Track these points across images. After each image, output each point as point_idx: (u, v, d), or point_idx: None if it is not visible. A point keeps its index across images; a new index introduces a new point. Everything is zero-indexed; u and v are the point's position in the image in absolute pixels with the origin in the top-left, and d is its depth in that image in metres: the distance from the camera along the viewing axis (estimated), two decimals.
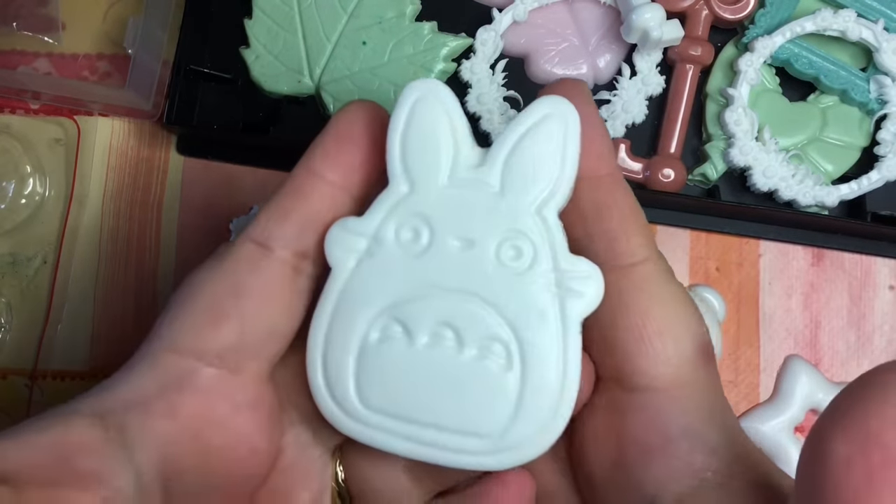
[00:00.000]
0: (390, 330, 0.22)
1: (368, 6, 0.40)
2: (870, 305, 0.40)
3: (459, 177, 0.23)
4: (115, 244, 0.41)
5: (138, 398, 0.21)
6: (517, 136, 0.22)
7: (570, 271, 0.22)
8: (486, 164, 0.22)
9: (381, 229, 0.23)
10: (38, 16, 0.43)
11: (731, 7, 0.38)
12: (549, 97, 0.22)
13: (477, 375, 0.22)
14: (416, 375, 0.22)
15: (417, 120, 0.23)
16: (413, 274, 0.22)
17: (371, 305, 0.23)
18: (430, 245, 0.22)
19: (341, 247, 0.23)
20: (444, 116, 0.23)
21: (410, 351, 0.22)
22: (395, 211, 0.23)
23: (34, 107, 0.42)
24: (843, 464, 0.16)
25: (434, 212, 0.22)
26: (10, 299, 0.41)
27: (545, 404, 0.22)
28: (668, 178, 0.38)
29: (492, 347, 0.22)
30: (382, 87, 0.39)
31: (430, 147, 0.23)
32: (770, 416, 0.38)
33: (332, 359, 0.23)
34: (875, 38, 0.37)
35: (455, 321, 0.22)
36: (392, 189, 0.23)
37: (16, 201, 0.41)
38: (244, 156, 0.41)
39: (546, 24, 0.40)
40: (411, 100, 0.23)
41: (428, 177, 0.23)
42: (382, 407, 0.23)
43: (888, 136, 0.37)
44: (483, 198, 0.22)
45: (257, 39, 0.40)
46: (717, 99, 0.39)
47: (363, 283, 0.23)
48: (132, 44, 0.39)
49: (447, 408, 0.22)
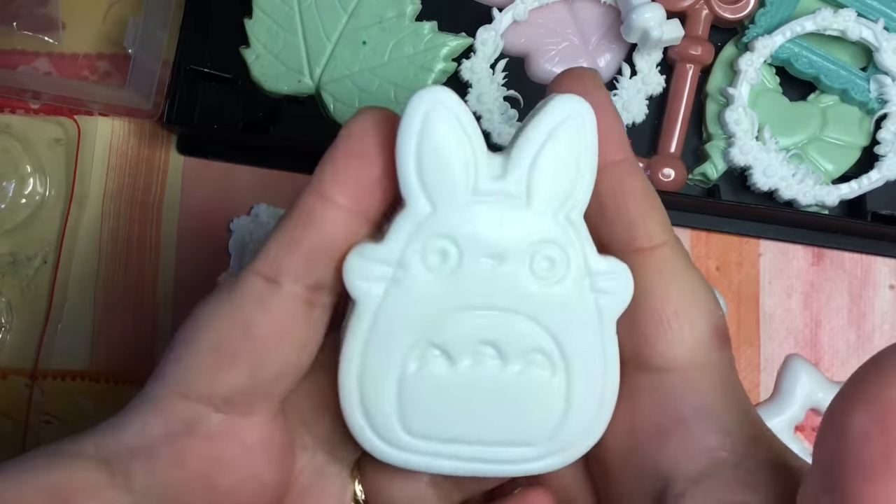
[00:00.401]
0: (429, 357, 0.22)
1: (368, 6, 0.40)
2: (870, 305, 0.40)
3: (482, 190, 0.21)
4: (115, 244, 0.41)
5: (144, 444, 0.20)
6: (539, 143, 0.21)
7: (602, 273, 0.22)
8: (508, 174, 0.21)
9: (405, 255, 0.21)
10: (38, 16, 0.43)
11: (731, 7, 0.38)
12: (565, 97, 0.21)
13: (523, 387, 0.22)
14: (460, 397, 0.22)
15: (430, 134, 0.21)
16: (446, 297, 0.22)
17: (405, 336, 0.22)
18: (460, 266, 0.21)
19: (363, 277, 0.21)
20: (459, 128, 0.21)
21: (453, 374, 0.22)
22: (417, 234, 0.21)
23: (34, 107, 0.42)
24: (861, 437, 0.15)
25: (460, 230, 0.21)
26: (10, 299, 0.41)
27: (591, 404, 0.22)
28: (669, 177, 0.38)
29: (535, 358, 0.22)
30: (382, 87, 0.39)
31: (448, 163, 0.21)
32: (770, 415, 0.38)
33: (369, 397, 0.22)
34: (875, 38, 0.37)
35: (495, 338, 0.22)
36: (411, 210, 0.21)
37: (16, 201, 0.41)
38: (244, 156, 0.41)
39: (546, 23, 0.40)
40: (420, 112, 0.21)
41: (449, 194, 0.21)
42: (427, 433, 0.22)
43: (888, 135, 0.37)
44: (509, 210, 0.21)
45: (257, 39, 0.40)
46: (718, 98, 0.39)
47: (393, 314, 0.21)
48: (132, 44, 0.39)
49: (494, 423, 0.22)
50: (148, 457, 0.20)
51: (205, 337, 0.21)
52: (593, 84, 0.23)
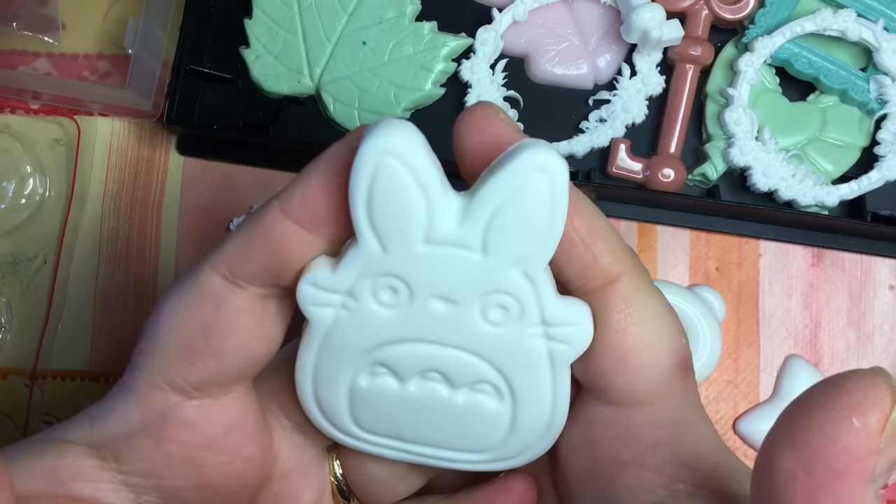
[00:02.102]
0: (379, 374, 0.22)
1: (368, 6, 0.40)
2: (870, 305, 0.40)
3: (436, 237, 0.20)
4: (115, 244, 0.41)
5: (127, 433, 0.21)
6: (501, 197, 0.20)
7: (558, 323, 0.22)
8: (466, 222, 0.20)
9: (356, 288, 0.21)
10: (38, 16, 0.43)
11: (731, 7, 0.38)
12: (539, 148, 0.19)
13: (469, 411, 0.23)
14: (409, 411, 0.23)
15: (379, 188, 0.20)
16: (395, 326, 0.22)
17: (353, 356, 0.22)
18: (410, 304, 0.21)
19: (315, 303, 0.21)
20: (411, 180, 0.20)
21: (402, 392, 0.23)
22: (368, 270, 0.21)
23: (34, 107, 0.42)
24: (788, 479, 0.16)
25: (411, 273, 0.21)
26: (10, 299, 0.41)
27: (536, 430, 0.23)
28: (668, 178, 0.38)
29: (482, 387, 0.22)
30: (382, 87, 0.39)
31: (397, 215, 0.20)
32: (770, 415, 0.38)
33: (323, 400, 0.23)
34: (875, 38, 0.37)
35: (443, 368, 0.22)
36: (362, 247, 0.20)
37: (16, 201, 0.41)
38: (244, 156, 0.41)
39: (546, 23, 0.40)
40: (371, 164, 0.19)
41: (400, 241, 0.20)
42: (379, 430, 0.24)
43: (888, 135, 0.37)
44: (463, 259, 0.21)
45: (257, 39, 0.40)
46: (717, 99, 0.39)
47: (343, 335, 0.22)
48: (132, 44, 0.39)
49: (439, 434, 0.23)
50: (133, 444, 0.21)
51: (170, 335, 0.21)
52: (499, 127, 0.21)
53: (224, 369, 0.21)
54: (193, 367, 0.21)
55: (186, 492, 0.22)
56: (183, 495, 0.22)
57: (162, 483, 0.22)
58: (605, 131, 0.39)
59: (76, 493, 0.21)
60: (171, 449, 0.22)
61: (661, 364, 0.21)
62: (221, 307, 0.21)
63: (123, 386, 0.22)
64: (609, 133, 0.39)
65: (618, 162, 0.38)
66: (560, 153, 0.40)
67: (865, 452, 0.15)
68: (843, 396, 0.15)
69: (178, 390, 0.21)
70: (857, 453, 0.15)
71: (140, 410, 0.21)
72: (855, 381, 0.16)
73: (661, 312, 0.22)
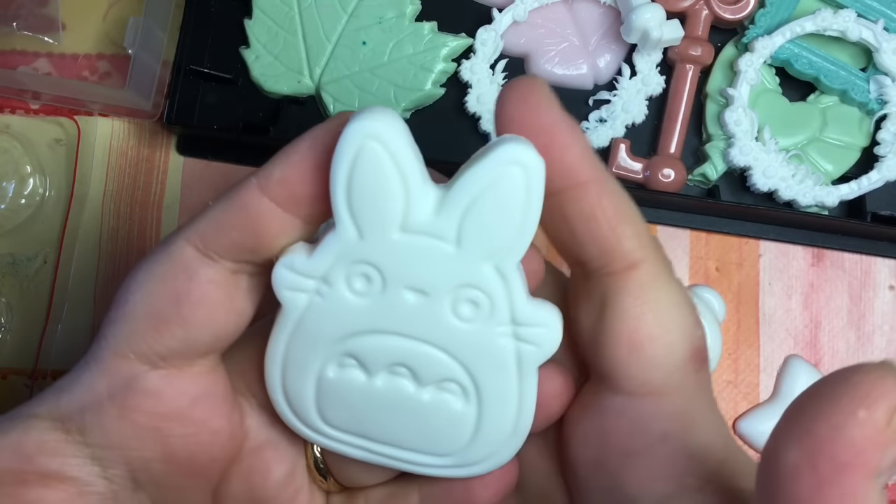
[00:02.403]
0: (347, 366, 0.23)
1: (368, 6, 0.40)
2: (870, 305, 0.40)
3: (412, 226, 0.20)
4: (115, 244, 0.41)
5: (93, 402, 0.21)
6: (477, 189, 0.20)
7: (527, 324, 0.22)
8: (442, 213, 0.20)
9: (331, 273, 0.21)
10: (38, 16, 0.43)
11: (731, 7, 0.38)
12: (515, 143, 0.20)
13: (434, 410, 0.23)
14: (375, 406, 0.23)
15: (359, 172, 0.20)
16: (365, 317, 0.22)
17: (323, 344, 0.22)
18: (383, 293, 0.21)
19: (289, 287, 0.21)
20: (391, 165, 0.20)
21: (369, 386, 0.23)
22: (343, 256, 0.21)
23: (34, 107, 0.42)
24: (792, 473, 0.15)
25: (385, 261, 0.21)
26: (10, 299, 0.41)
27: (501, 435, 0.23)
28: (668, 178, 0.38)
29: (448, 386, 0.23)
30: (382, 88, 0.39)
31: (375, 200, 0.20)
32: (770, 416, 0.38)
33: (290, 389, 0.23)
34: (875, 38, 0.37)
35: (410, 363, 0.22)
36: (340, 233, 0.21)
37: (16, 201, 0.41)
38: (244, 156, 0.41)
39: (546, 24, 0.40)
40: (353, 147, 0.20)
41: (377, 227, 0.21)
42: (342, 426, 0.23)
43: (888, 136, 0.37)
44: (437, 250, 0.21)
45: (257, 39, 0.40)
46: (717, 99, 0.39)
47: (314, 323, 0.22)
48: (132, 44, 0.39)
49: (405, 433, 0.23)
50: (98, 413, 0.21)
51: (140, 303, 0.21)
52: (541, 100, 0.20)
53: (192, 341, 0.21)
54: (162, 336, 0.21)
55: (154, 464, 0.22)
56: (150, 468, 0.22)
57: (128, 455, 0.22)
58: (605, 131, 0.39)
59: (42, 469, 0.21)
60: (137, 419, 0.21)
61: (676, 354, 0.21)
62: (193, 278, 0.21)
63: (90, 356, 0.22)
64: (609, 133, 0.39)
65: (618, 162, 0.38)
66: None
67: (871, 446, 0.15)
68: (850, 389, 0.15)
69: (144, 359, 0.21)
70: (862, 446, 0.15)
71: (105, 379, 0.21)
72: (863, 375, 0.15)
73: (678, 303, 0.21)
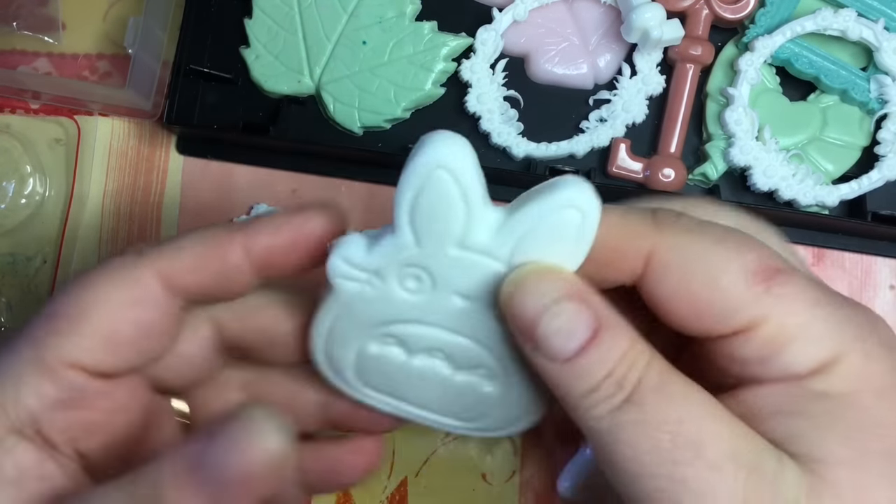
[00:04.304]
0: (388, 345, 0.25)
1: (368, 6, 0.40)
2: (870, 305, 0.39)
3: (470, 245, 0.22)
4: (115, 244, 0.41)
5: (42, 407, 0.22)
6: (536, 223, 0.22)
7: None
8: (499, 236, 0.22)
9: (384, 269, 0.23)
10: (38, 16, 0.43)
11: (731, 7, 0.38)
12: (580, 185, 0.21)
13: (466, 388, 0.26)
14: (410, 377, 0.25)
15: (427, 196, 0.21)
16: (413, 309, 0.24)
17: (370, 324, 0.24)
18: (432, 293, 0.23)
19: (344, 276, 0.23)
20: (458, 194, 0.21)
21: (408, 364, 0.25)
22: (399, 258, 0.23)
23: (34, 107, 0.42)
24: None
25: (438, 269, 0.23)
26: (10, 299, 0.41)
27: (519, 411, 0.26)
28: (669, 177, 0.38)
29: (479, 371, 0.25)
30: (382, 87, 0.39)
31: (439, 222, 0.22)
32: None
33: (334, 354, 0.25)
34: (875, 38, 0.37)
35: (448, 350, 0.25)
36: (397, 236, 0.22)
37: (16, 201, 0.41)
38: (244, 156, 0.41)
39: (546, 23, 0.40)
40: (421, 176, 0.21)
41: (435, 241, 0.22)
42: (379, 388, 0.26)
43: (888, 135, 0.37)
44: (489, 267, 0.22)
45: (257, 39, 0.40)
46: (718, 99, 0.39)
47: (363, 308, 0.24)
48: (132, 44, 0.39)
49: (436, 403, 0.26)
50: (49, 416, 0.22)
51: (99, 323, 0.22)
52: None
53: (138, 362, 0.23)
54: (114, 357, 0.23)
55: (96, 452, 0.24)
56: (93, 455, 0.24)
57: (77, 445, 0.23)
58: (606, 131, 0.39)
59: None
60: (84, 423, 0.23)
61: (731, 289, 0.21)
62: (158, 310, 0.23)
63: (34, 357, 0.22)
64: (609, 133, 0.39)
65: (618, 162, 0.38)
66: (560, 153, 0.40)
67: None
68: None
69: (94, 373, 0.23)
70: None
71: (54, 388, 0.22)
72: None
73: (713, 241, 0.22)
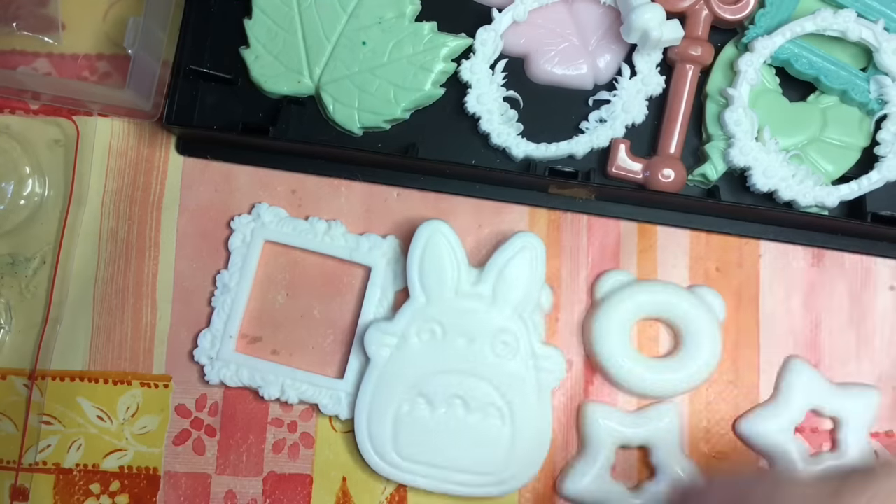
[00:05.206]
0: (416, 403, 0.36)
1: (368, 6, 0.40)
2: (870, 305, 0.40)
3: (462, 292, 0.35)
4: (115, 244, 0.41)
5: None
6: (502, 264, 0.35)
7: (542, 356, 0.36)
8: (481, 282, 0.35)
9: (407, 330, 0.35)
10: (38, 16, 0.43)
11: (731, 7, 0.38)
12: (523, 233, 0.36)
13: (481, 430, 0.35)
14: (437, 434, 0.35)
15: (430, 253, 0.35)
16: (431, 362, 0.35)
17: (401, 386, 0.36)
18: (443, 341, 0.35)
19: (377, 343, 0.36)
20: (449, 249, 0.35)
21: (432, 417, 0.36)
22: (416, 317, 0.35)
23: (34, 107, 0.42)
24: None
25: (445, 318, 0.35)
26: (9, 300, 0.41)
27: (528, 449, 0.36)
28: (668, 178, 0.38)
29: (490, 411, 0.35)
30: (382, 88, 0.39)
31: (440, 272, 0.35)
32: (770, 416, 0.38)
33: (374, 428, 0.36)
34: (875, 38, 0.37)
35: (463, 394, 0.35)
36: (413, 301, 0.36)
37: (15, 202, 0.41)
38: (244, 156, 0.41)
39: (546, 24, 0.40)
40: (424, 238, 0.36)
41: (439, 293, 0.35)
42: (412, 456, 0.36)
43: (888, 136, 0.37)
44: (480, 306, 0.35)
45: (257, 39, 0.40)
46: (717, 99, 0.39)
47: (394, 371, 0.35)
48: (132, 44, 0.39)
49: (459, 454, 0.35)
50: None
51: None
52: None
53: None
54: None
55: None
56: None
57: None
58: (605, 131, 0.39)
59: None
60: None
61: None
62: None
63: None
64: (609, 133, 0.39)
65: (618, 162, 0.38)
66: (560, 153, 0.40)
67: None
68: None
69: None
70: None
71: None
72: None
73: None
